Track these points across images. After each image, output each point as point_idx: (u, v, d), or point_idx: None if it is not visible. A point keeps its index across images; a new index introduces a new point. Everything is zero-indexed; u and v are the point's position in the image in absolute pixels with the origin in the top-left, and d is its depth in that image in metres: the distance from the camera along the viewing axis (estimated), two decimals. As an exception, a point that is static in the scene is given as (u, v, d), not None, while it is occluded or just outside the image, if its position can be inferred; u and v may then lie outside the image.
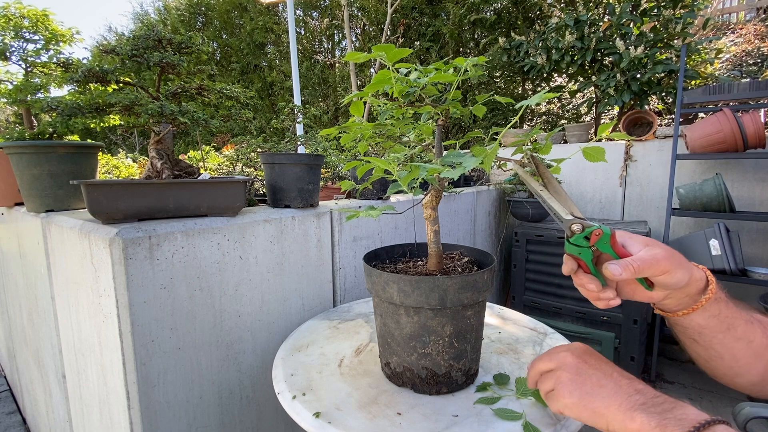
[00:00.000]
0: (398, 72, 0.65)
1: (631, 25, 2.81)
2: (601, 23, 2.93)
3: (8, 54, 1.28)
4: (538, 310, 2.37)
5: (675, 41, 2.79)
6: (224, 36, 7.15)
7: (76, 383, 1.11)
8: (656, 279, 0.52)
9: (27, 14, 1.30)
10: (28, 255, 1.36)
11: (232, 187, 0.96)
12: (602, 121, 3.56)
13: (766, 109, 2.19)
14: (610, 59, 2.92)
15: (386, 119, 0.77)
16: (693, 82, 2.90)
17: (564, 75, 3.52)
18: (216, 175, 1.46)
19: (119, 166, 1.99)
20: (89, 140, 1.22)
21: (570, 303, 2.23)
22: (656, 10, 2.76)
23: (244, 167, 1.70)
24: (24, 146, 1.05)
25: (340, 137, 0.78)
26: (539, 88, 4.19)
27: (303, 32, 6.65)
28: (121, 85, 0.98)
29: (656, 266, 0.51)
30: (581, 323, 2.21)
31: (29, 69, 1.34)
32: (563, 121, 4.42)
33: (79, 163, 1.12)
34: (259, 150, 1.58)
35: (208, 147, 2.54)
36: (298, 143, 1.57)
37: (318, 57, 6.68)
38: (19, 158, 1.07)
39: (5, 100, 1.31)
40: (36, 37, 1.32)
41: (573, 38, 2.93)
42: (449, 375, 0.74)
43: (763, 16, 4.20)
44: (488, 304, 1.13)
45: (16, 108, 1.38)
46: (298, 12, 6.52)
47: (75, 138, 1.44)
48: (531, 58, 3.24)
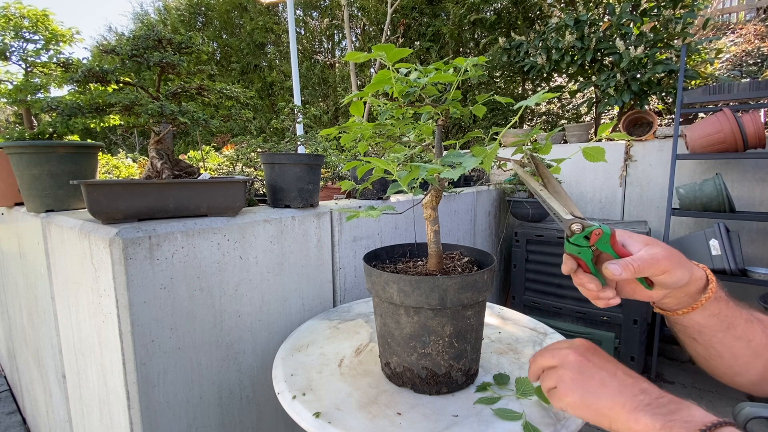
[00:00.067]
0: (398, 72, 0.65)
1: (631, 25, 2.81)
2: (601, 23, 2.93)
3: (8, 54, 1.28)
4: (538, 310, 2.37)
5: (675, 41, 2.79)
6: (224, 36, 7.15)
7: (76, 383, 1.11)
8: (656, 278, 0.52)
9: (27, 14, 1.30)
10: (28, 255, 1.36)
11: (232, 187, 0.96)
12: (602, 121, 3.56)
13: (766, 109, 2.19)
14: (610, 59, 2.92)
15: (386, 119, 0.77)
16: (693, 82, 2.90)
17: (564, 75, 3.52)
18: (216, 175, 1.46)
19: (119, 166, 1.99)
20: (89, 140, 1.22)
21: (570, 303, 2.23)
22: (656, 10, 2.76)
23: (244, 167, 1.70)
24: (24, 146, 1.05)
25: (340, 137, 0.78)
26: (539, 88, 4.19)
27: (303, 32, 6.65)
28: (121, 85, 0.98)
29: (656, 266, 0.51)
30: (581, 323, 2.22)
31: (29, 69, 1.34)
32: (563, 121, 4.42)
33: (79, 163, 1.12)
34: (259, 150, 1.58)
35: (208, 147, 2.54)
36: (298, 143, 1.57)
37: (318, 57, 6.68)
38: (19, 158, 1.07)
39: (5, 100, 1.31)
40: (36, 37, 1.32)
41: (573, 38, 2.93)
42: (449, 375, 0.74)
43: (763, 16, 4.19)
44: (488, 304, 1.13)
45: (16, 108, 1.38)
46: (298, 12, 6.52)
47: (75, 138, 1.44)
48: (531, 58, 3.24)
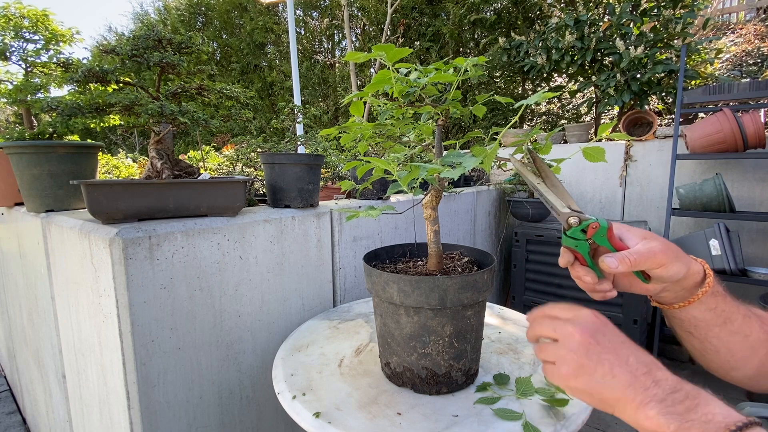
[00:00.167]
0: (398, 72, 0.65)
1: (631, 25, 2.81)
2: (601, 23, 2.93)
3: (8, 54, 1.28)
4: (538, 310, 2.37)
5: (675, 41, 2.79)
6: (224, 36, 7.15)
7: (76, 383, 1.11)
8: (653, 272, 0.52)
9: (27, 14, 1.30)
10: (28, 255, 1.36)
11: (232, 187, 0.96)
12: (602, 121, 3.56)
13: (766, 109, 2.19)
14: (610, 59, 2.92)
15: (386, 119, 0.77)
16: (693, 82, 2.90)
17: (564, 75, 3.52)
18: (216, 175, 1.46)
19: (119, 166, 1.99)
20: (89, 140, 1.22)
21: (570, 303, 2.22)
22: (656, 10, 2.77)
23: (244, 167, 1.70)
24: (24, 146, 1.05)
25: (340, 137, 0.78)
26: (539, 88, 4.19)
27: (303, 32, 6.65)
28: (121, 85, 0.98)
29: (653, 259, 0.51)
30: (581, 323, 2.21)
31: (29, 69, 1.34)
32: (563, 121, 4.42)
33: (79, 163, 1.12)
34: (259, 150, 1.58)
35: (208, 147, 2.54)
36: (298, 143, 1.57)
37: (318, 57, 6.68)
38: (19, 158, 1.07)
39: (5, 100, 1.31)
40: (36, 37, 1.32)
41: (573, 38, 2.93)
42: (449, 375, 0.74)
43: (763, 16, 4.20)
44: (488, 304, 1.13)
45: (16, 108, 1.38)
46: (298, 12, 6.52)
47: (75, 138, 1.44)
48: (531, 58, 3.24)
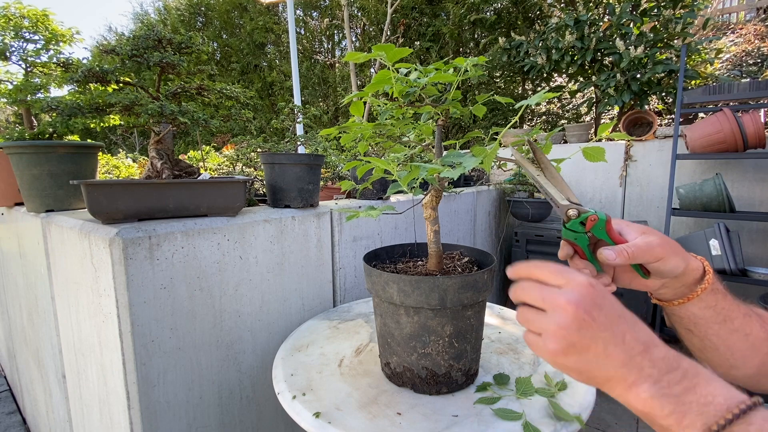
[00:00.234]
0: (398, 72, 0.65)
1: (631, 25, 2.81)
2: (601, 23, 2.93)
3: (8, 54, 1.28)
4: (538, 310, 2.37)
5: (675, 41, 2.79)
6: (224, 36, 7.15)
7: (76, 383, 1.11)
8: (651, 266, 0.52)
9: (27, 14, 1.30)
10: (28, 255, 1.36)
11: (232, 187, 0.96)
12: (602, 121, 3.56)
13: (766, 109, 2.19)
14: (610, 59, 2.92)
15: (386, 119, 0.77)
16: (693, 82, 2.90)
17: (564, 75, 3.52)
18: (216, 175, 1.46)
19: (119, 166, 1.99)
20: (89, 140, 1.22)
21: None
22: (656, 10, 2.77)
23: (244, 167, 1.70)
24: (24, 146, 1.05)
25: (340, 137, 0.78)
26: (539, 88, 4.19)
27: (303, 32, 6.65)
28: (121, 85, 0.98)
29: (651, 252, 0.51)
30: (581, 323, 2.21)
31: (29, 69, 1.34)
32: (563, 121, 4.42)
33: (79, 163, 1.12)
34: (259, 150, 1.58)
35: (208, 147, 2.54)
36: (298, 143, 1.57)
37: (318, 57, 6.68)
38: (19, 158, 1.07)
39: (5, 100, 1.31)
40: (36, 37, 1.32)
41: (573, 38, 2.93)
42: (449, 375, 0.74)
43: (763, 16, 4.20)
44: (488, 304, 1.13)
45: (16, 108, 1.38)
46: (298, 12, 6.52)
47: (75, 138, 1.44)
48: (531, 58, 3.24)
